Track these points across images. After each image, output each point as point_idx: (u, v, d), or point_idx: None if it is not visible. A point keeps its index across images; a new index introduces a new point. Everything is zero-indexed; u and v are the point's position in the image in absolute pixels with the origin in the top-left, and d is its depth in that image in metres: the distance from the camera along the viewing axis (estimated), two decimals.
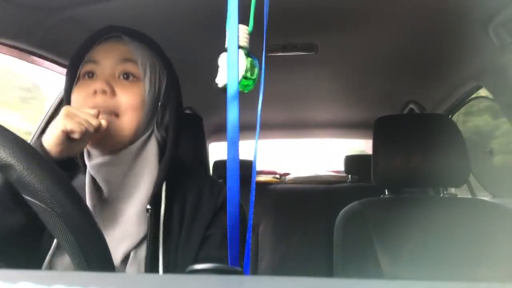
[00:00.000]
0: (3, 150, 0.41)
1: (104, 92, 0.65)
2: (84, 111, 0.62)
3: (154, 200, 0.66)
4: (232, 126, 0.35)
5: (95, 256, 0.44)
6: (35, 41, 0.96)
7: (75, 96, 0.68)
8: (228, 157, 0.36)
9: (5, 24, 0.87)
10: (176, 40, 1.17)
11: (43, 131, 1.37)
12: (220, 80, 0.40)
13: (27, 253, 0.62)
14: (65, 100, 0.71)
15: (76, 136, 0.59)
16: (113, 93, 0.66)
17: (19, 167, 0.41)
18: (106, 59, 0.68)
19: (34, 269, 0.57)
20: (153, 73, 0.70)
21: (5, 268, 0.56)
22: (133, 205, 0.67)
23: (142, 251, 0.66)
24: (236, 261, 0.34)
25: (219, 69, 0.41)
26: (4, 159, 0.41)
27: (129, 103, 0.66)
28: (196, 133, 1.29)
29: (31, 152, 0.43)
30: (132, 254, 0.66)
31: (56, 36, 0.97)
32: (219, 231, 0.70)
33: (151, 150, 0.70)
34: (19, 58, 1.00)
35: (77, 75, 0.70)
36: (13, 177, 0.41)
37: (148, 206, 0.65)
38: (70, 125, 0.58)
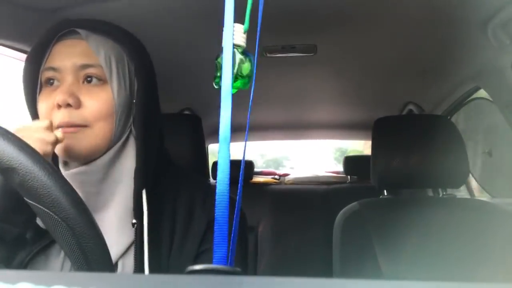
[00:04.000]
0: (7, 153, 0.41)
1: (68, 105, 0.59)
2: (36, 126, 0.56)
3: (138, 212, 0.62)
4: (224, 124, 0.34)
5: (96, 261, 0.44)
6: (34, 41, 0.96)
7: (40, 109, 0.63)
8: (219, 156, 0.35)
9: (5, 24, 0.87)
10: (175, 40, 1.17)
11: None
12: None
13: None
14: (29, 110, 0.65)
15: None
16: (78, 103, 0.60)
17: (22, 171, 0.40)
18: (66, 64, 0.61)
19: (34, 270, 0.57)
20: (121, 70, 0.64)
21: (5, 268, 0.56)
22: (111, 214, 0.63)
23: (130, 261, 0.63)
24: (224, 261, 0.33)
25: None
26: (7, 162, 0.40)
27: (97, 112, 0.61)
28: (195, 133, 1.29)
29: (34, 156, 0.43)
30: (120, 264, 0.63)
31: None
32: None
33: (129, 155, 0.65)
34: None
35: (39, 81, 0.64)
36: (16, 180, 0.41)
37: (134, 221, 0.61)
38: None
